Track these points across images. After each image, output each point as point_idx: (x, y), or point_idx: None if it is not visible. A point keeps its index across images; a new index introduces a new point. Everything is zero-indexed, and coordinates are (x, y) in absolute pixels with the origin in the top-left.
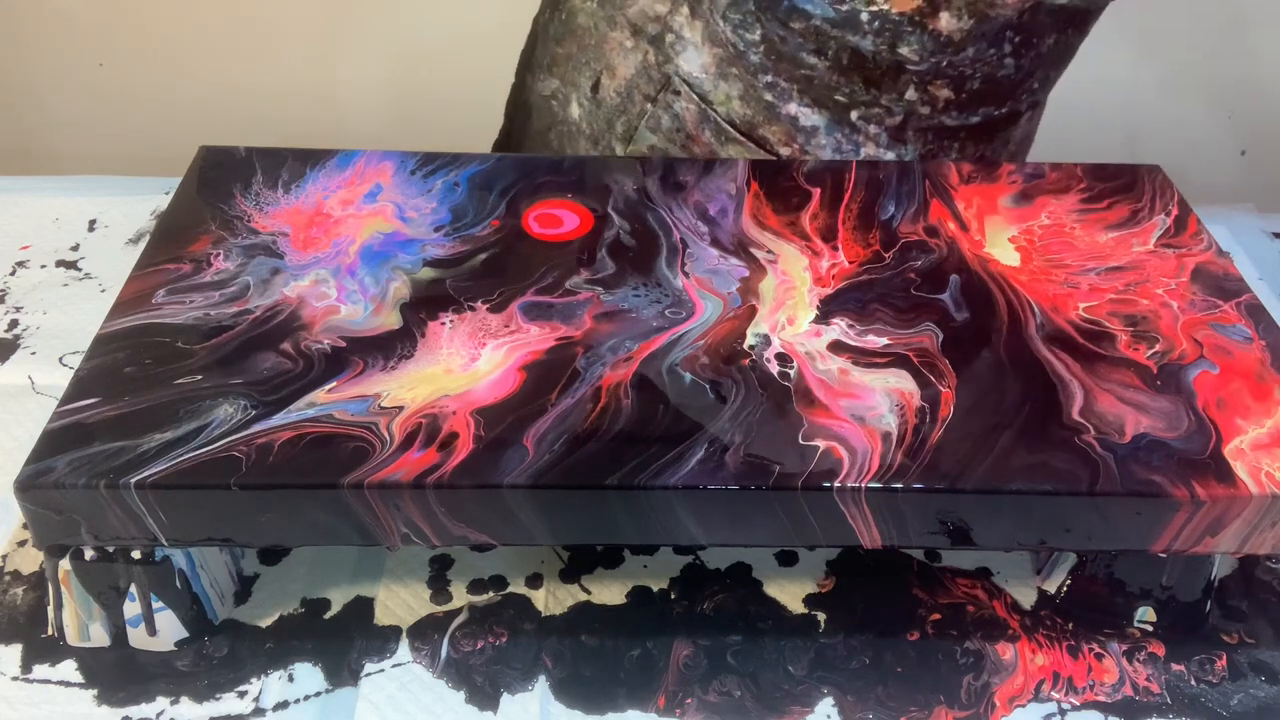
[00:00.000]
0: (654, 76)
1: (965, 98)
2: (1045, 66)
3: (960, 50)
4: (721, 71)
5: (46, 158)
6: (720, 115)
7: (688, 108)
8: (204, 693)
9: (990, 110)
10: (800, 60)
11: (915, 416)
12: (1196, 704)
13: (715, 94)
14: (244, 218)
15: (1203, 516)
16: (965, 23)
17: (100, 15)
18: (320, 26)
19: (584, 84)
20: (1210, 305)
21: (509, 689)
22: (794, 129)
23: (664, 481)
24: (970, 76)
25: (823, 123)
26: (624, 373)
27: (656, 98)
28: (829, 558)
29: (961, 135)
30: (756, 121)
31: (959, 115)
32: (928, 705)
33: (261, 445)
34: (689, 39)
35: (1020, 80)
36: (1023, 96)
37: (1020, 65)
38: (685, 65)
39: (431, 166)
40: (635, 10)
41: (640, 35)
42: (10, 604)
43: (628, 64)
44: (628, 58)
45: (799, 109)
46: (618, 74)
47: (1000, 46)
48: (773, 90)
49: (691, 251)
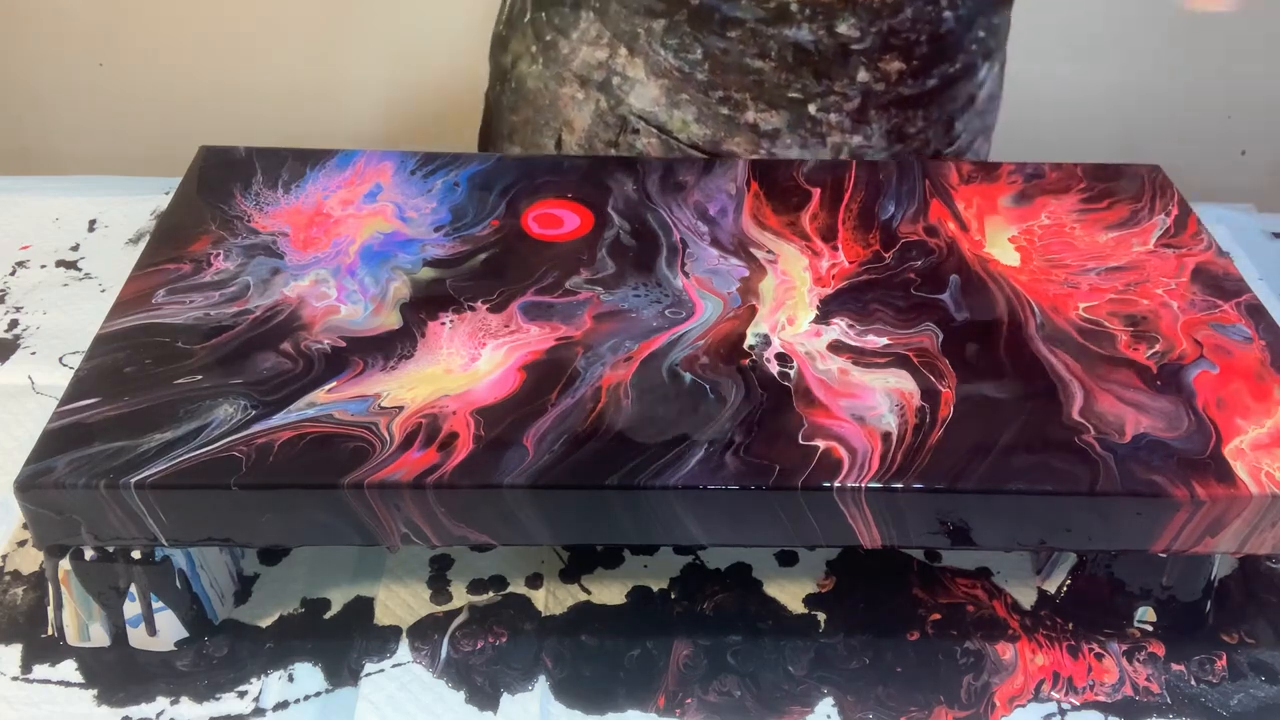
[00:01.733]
0: (610, 121)
1: (917, 63)
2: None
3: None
4: (672, 99)
5: (46, 158)
6: (682, 141)
7: (649, 142)
8: (204, 693)
9: (944, 69)
10: (746, 66)
11: (915, 416)
12: (1196, 704)
13: (672, 122)
14: (244, 218)
15: (1203, 516)
16: None
17: (100, 15)
18: (320, 26)
19: (547, 144)
20: (1210, 305)
21: (509, 689)
22: (757, 136)
23: (664, 481)
24: (916, 41)
25: (783, 123)
26: (624, 373)
27: (618, 141)
28: (829, 558)
29: (924, 101)
30: (718, 138)
31: (915, 83)
32: (928, 705)
33: (261, 445)
34: (634, 77)
35: (963, 31)
36: (971, 47)
37: (960, 16)
38: (637, 102)
39: (431, 166)
40: (578, 63)
41: (588, 85)
42: (10, 604)
43: (583, 115)
44: (581, 109)
45: (756, 115)
46: (576, 127)
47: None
48: (727, 104)
49: (691, 251)
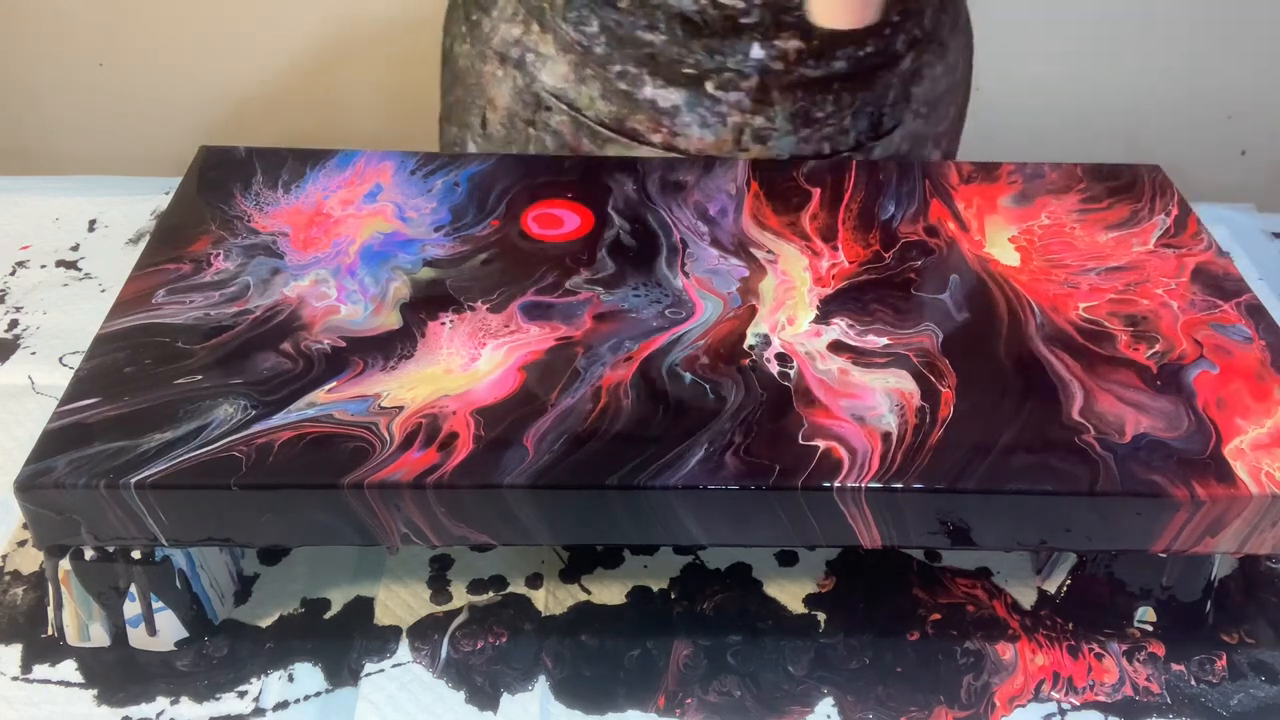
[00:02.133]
0: (526, 100)
1: (817, 43)
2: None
3: None
4: (579, 75)
5: (46, 158)
6: (590, 119)
7: (562, 120)
8: (204, 693)
9: (852, 52)
10: (638, 40)
11: (915, 416)
12: (1196, 704)
13: (580, 99)
14: (244, 218)
15: (1203, 516)
16: None
17: (100, 15)
18: (320, 26)
19: (474, 123)
20: (1210, 305)
21: (509, 689)
22: (656, 113)
23: (664, 481)
24: None
25: (682, 100)
26: (624, 373)
27: (534, 120)
28: (829, 558)
29: (834, 87)
30: (622, 115)
31: (818, 64)
32: (928, 705)
33: (261, 445)
34: (545, 53)
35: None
36: (885, 31)
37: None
38: (548, 79)
39: (431, 166)
40: (498, 39)
41: (507, 62)
42: (10, 604)
43: (503, 93)
44: (501, 87)
45: (654, 91)
46: (498, 105)
47: None
48: (624, 78)
49: (691, 251)
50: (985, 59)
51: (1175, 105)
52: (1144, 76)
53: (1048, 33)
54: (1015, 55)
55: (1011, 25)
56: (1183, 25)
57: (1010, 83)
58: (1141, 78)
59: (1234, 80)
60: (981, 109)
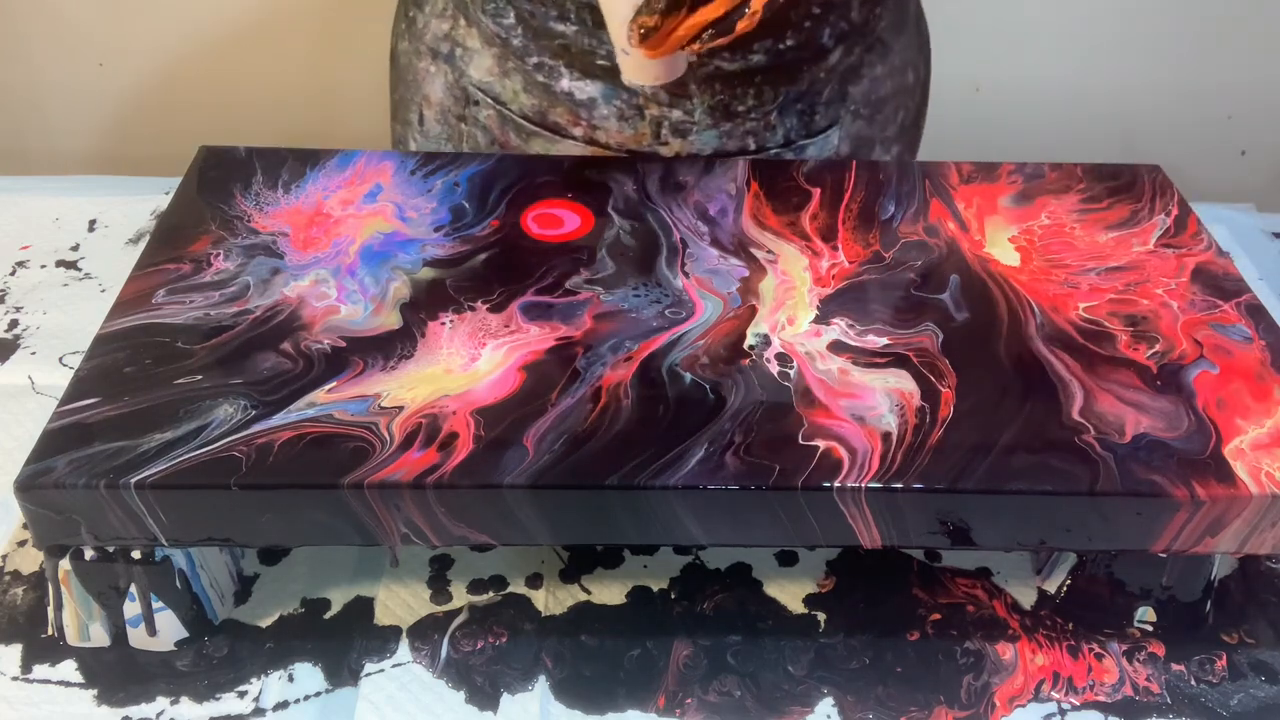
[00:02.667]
0: (457, 95)
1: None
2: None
3: None
4: (503, 69)
5: (46, 158)
6: (515, 113)
7: (489, 115)
8: (204, 693)
9: (770, 45)
10: (552, 30)
11: (915, 416)
12: (1196, 704)
13: (505, 93)
14: (244, 218)
15: (1203, 516)
16: None
17: (100, 15)
18: (320, 26)
19: (414, 120)
20: (1210, 305)
21: (509, 689)
22: (575, 105)
23: (664, 481)
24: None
25: (598, 93)
26: (624, 373)
27: (464, 115)
28: (829, 558)
29: (755, 80)
30: (543, 108)
31: (734, 57)
32: (928, 705)
33: (261, 445)
34: (471, 47)
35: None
36: (805, 24)
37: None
38: (475, 74)
39: (431, 166)
40: (430, 35)
41: (438, 57)
42: (10, 604)
43: (436, 89)
44: (434, 82)
45: (571, 83)
46: (432, 101)
47: None
48: (542, 70)
49: (691, 251)
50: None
51: (1175, 105)
52: (1144, 76)
53: (1047, 33)
54: (1015, 55)
55: (1011, 25)
56: (1183, 25)
57: (1010, 83)
58: (1141, 78)
59: (1234, 80)
60: (981, 109)
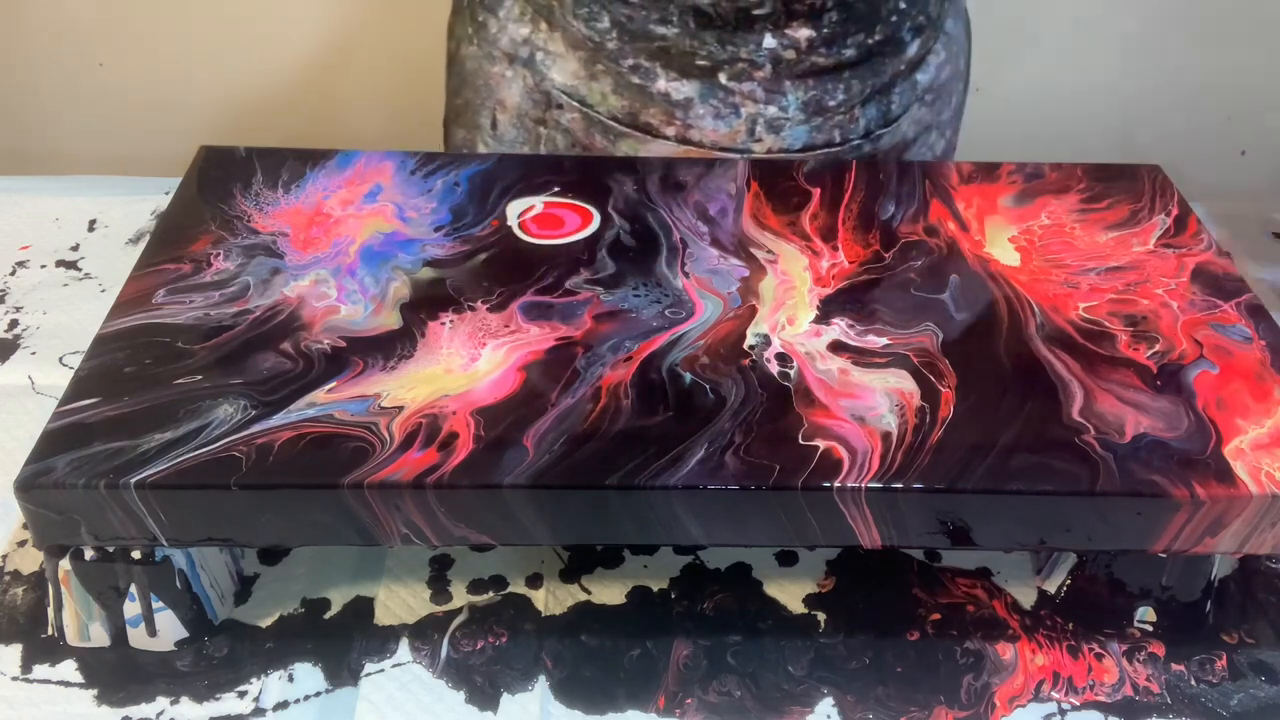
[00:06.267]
0: (536, 99)
1: (828, 32)
2: None
3: None
4: (590, 72)
5: (46, 158)
6: (603, 115)
7: (574, 118)
8: (204, 693)
9: (862, 40)
10: (651, 33)
11: (915, 416)
12: (1196, 704)
13: (591, 95)
14: (244, 218)
15: (1203, 516)
16: None
17: (100, 15)
18: (320, 27)
19: (484, 124)
20: (1210, 305)
21: (509, 689)
22: (670, 105)
23: (664, 481)
24: (824, 9)
25: (695, 92)
26: (624, 373)
27: (544, 118)
28: (829, 558)
29: (845, 75)
30: (635, 109)
31: (829, 52)
32: (928, 705)
33: (261, 445)
34: (554, 51)
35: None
36: (892, 19)
37: None
38: (558, 77)
39: (431, 166)
40: (505, 40)
41: (515, 62)
42: (10, 604)
43: (513, 93)
44: (511, 87)
45: (667, 84)
46: (508, 106)
47: None
48: (637, 72)
49: (691, 251)
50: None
51: (1175, 105)
52: (1144, 76)
53: (1047, 33)
54: (1015, 55)
55: (1011, 25)
56: (1182, 25)
57: (1010, 83)
58: (1141, 78)
59: (1234, 80)
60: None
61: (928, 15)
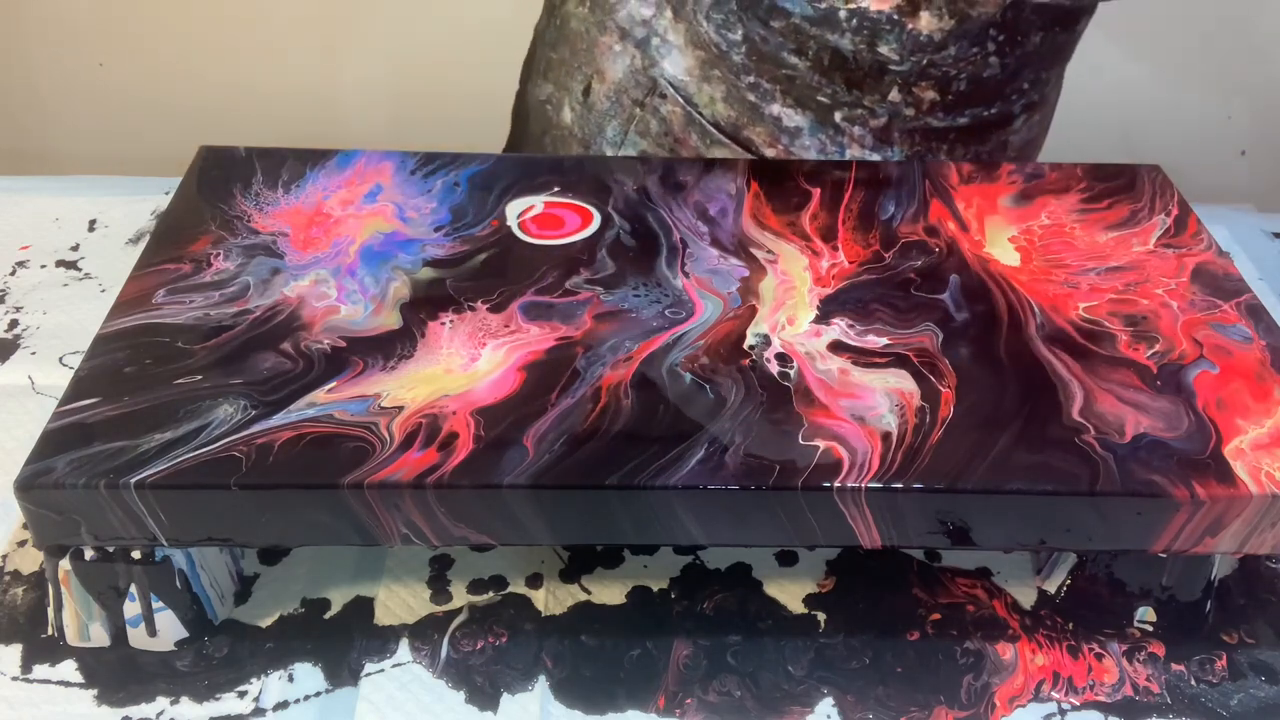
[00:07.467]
0: (641, 80)
1: (951, 99)
2: (1034, 66)
3: (941, 49)
4: (705, 74)
5: (46, 158)
6: (705, 118)
7: (674, 111)
8: (204, 693)
9: (978, 111)
10: (782, 60)
11: (915, 416)
12: (1196, 704)
13: (699, 96)
14: (244, 218)
15: (1203, 516)
16: (946, 22)
17: (100, 15)
18: (321, 26)
19: (576, 88)
20: (1210, 305)
21: (509, 689)
22: (778, 130)
23: (664, 481)
24: (955, 77)
25: (806, 124)
26: (624, 373)
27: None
28: (829, 558)
29: (950, 137)
30: (741, 123)
31: (945, 117)
32: (928, 705)
33: (261, 445)
34: (673, 42)
35: (1007, 80)
36: (1012, 97)
37: (1005, 65)
38: (670, 68)
39: (431, 166)
40: (624, 14)
41: (628, 39)
42: (10, 604)
43: (616, 68)
44: (616, 61)
45: (782, 110)
46: (607, 78)
47: (983, 45)
48: (755, 91)
49: (691, 251)
50: None
51: (1175, 105)
52: (1144, 76)
53: None
54: None
55: None
56: (1182, 25)
57: None
58: (1141, 78)
59: (1234, 80)
60: None
61: (1043, 95)
